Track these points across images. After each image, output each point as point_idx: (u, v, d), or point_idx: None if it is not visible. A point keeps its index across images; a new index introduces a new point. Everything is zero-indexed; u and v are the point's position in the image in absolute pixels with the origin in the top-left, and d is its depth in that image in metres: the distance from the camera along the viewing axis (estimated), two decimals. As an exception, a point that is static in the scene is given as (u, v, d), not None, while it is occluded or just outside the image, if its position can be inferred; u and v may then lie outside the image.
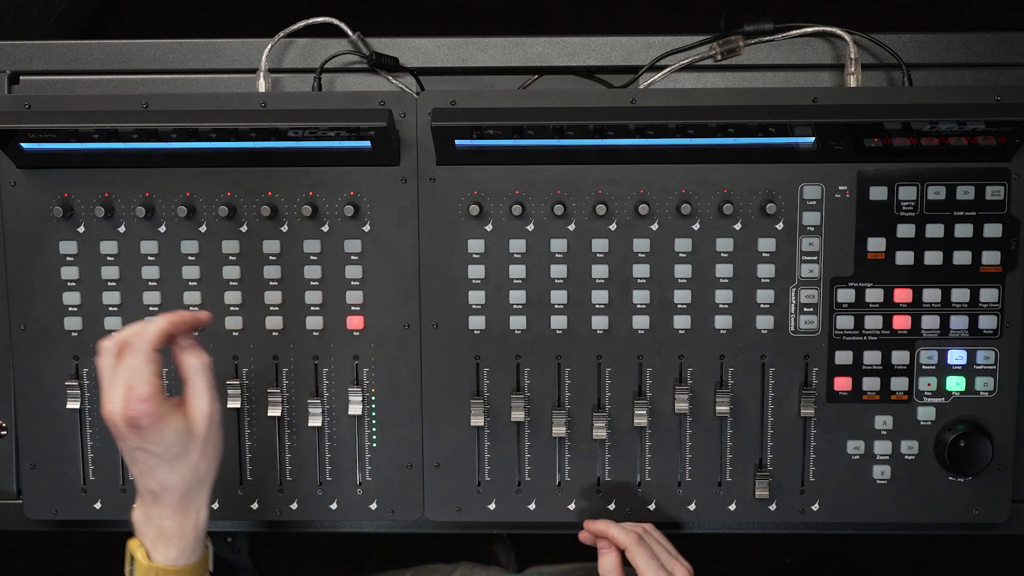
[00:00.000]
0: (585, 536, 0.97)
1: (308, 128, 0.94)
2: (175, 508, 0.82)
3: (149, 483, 0.82)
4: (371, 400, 1.02)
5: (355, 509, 1.03)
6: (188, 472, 0.82)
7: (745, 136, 0.95)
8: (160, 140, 0.96)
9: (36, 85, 1.05)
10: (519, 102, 0.98)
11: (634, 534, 0.92)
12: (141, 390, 0.78)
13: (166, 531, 0.82)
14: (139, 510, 0.84)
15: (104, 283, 1.01)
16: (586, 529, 0.96)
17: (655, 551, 0.91)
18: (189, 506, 0.83)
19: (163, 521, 0.82)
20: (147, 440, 0.79)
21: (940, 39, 1.01)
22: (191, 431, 0.82)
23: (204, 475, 0.83)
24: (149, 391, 0.78)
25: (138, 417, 0.78)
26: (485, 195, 1.00)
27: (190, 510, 0.83)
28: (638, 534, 0.92)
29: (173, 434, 0.80)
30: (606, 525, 0.94)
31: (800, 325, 1.00)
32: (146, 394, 0.78)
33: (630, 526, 0.94)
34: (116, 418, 0.79)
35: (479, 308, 1.01)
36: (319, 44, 1.03)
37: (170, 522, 0.82)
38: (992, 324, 0.99)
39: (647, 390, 1.01)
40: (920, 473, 1.01)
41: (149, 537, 0.83)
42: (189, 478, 0.82)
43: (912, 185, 0.98)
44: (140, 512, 0.84)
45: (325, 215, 1.00)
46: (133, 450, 0.81)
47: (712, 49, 1.02)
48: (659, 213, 0.99)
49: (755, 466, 1.02)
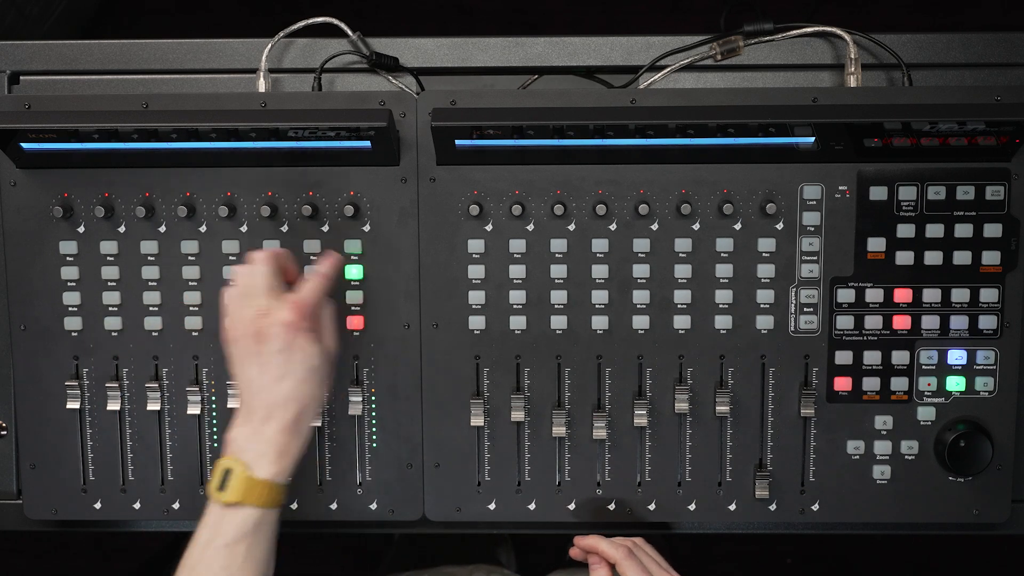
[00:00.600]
0: (576, 552, 0.96)
1: (308, 128, 0.94)
2: (289, 426, 0.85)
3: (275, 393, 0.85)
4: (371, 400, 1.02)
5: (355, 509, 1.03)
6: (314, 388, 0.87)
7: (745, 136, 0.95)
8: (160, 140, 0.96)
9: (36, 85, 1.05)
10: (519, 102, 0.98)
11: (624, 548, 0.91)
12: (312, 299, 0.88)
13: (275, 447, 0.85)
14: (242, 429, 0.86)
15: (104, 283, 1.01)
16: (576, 545, 0.96)
17: (646, 564, 0.91)
18: (301, 427, 0.87)
19: (274, 437, 0.85)
20: (295, 345, 0.86)
21: (940, 39, 1.01)
22: (327, 354, 0.90)
23: (319, 400, 0.89)
24: (316, 304, 0.89)
25: (303, 319, 0.86)
26: (485, 195, 1.00)
27: (301, 431, 0.87)
28: (628, 548, 0.91)
29: (317, 350, 0.87)
30: (596, 540, 0.93)
31: (800, 325, 1.00)
32: (315, 304, 0.89)
33: (620, 541, 0.94)
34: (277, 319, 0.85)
35: (479, 308, 1.01)
36: (319, 44, 1.03)
37: (281, 438, 0.85)
38: (992, 324, 0.99)
39: (647, 390, 1.01)
40: (920, 473, 1.01)
41: (252, 453, 0.84)
42: (309, 396, 0.87)
43: (912, 185, 0.98)
44: (243, 430, 0.86)
45: (325, 215, 1.00)
46: (273, 354, 0.85)
47: (712, 49, 1.02)
48: (659, 213, 0.99)
49: (755, 466, 1.02)
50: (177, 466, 1.03)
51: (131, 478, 1.03)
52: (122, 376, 1.02)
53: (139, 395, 1.02)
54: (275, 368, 0.85)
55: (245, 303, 0.88)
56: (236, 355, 0.88)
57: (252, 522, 0.83)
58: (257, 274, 0.89)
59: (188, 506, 1.03)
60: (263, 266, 0.89)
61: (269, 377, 0.86)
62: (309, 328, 0.87)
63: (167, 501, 1.03)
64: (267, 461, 0.84)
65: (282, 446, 0.85)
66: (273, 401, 0.85)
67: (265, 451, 0.84)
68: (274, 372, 0.85)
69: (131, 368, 1.02)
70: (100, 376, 1.02)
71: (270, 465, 0.84)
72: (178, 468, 1.03)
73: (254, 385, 0.86)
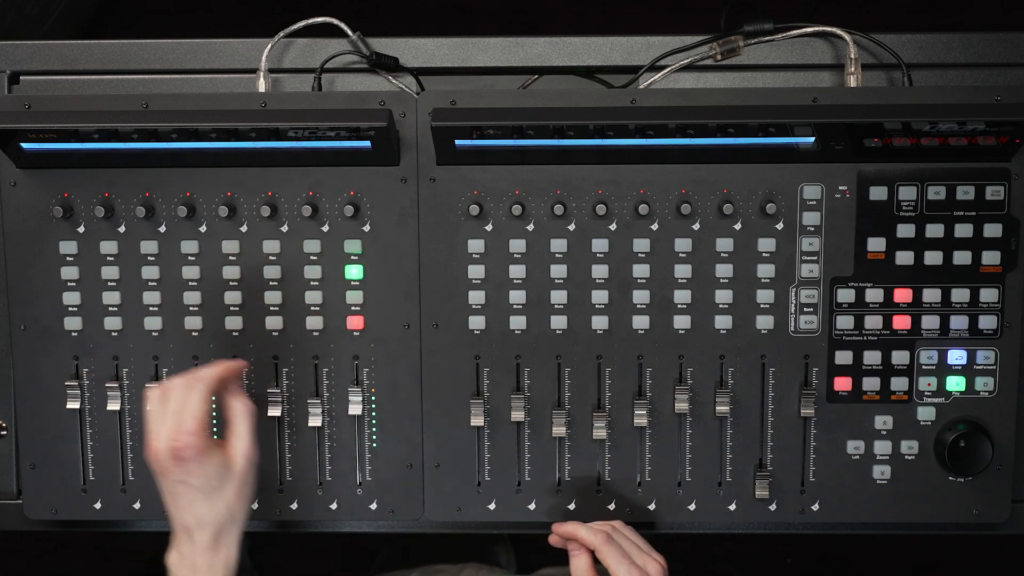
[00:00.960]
0: (555, 540, 0.96)
1: (308, 128, 0.94)
2: (208, 545, 0.85)
3: (186, 518, 0.85)
4: (371, 400, 1.02)
5: (355, 509, 1.03)
6: (223, 508, 0.85)
7: (745, 136, 0.95)
8: (160, 140, 0.96)
9: (36, 85, 1.05)
10: (519, 102, 0.98)
11: (602, 533, 0.91)
12: (190, 423, 0.83)
13: (198, 568, 0.85)
14: (174, 552, 0.87)
15: (104, 283, 1.01)
16: (555, 532, 0.96)
17: (625, 548, 0.91)
18: (220, 544, 0.86)
19: (195, 558, 0.85)
20: (189, 472, 0.83)
21: (940, 39, 1.01)
22: (230, 468, 0.86)
23: (237, 513, 0.87)
24: (196, 425, 0.83)
25: (184, 448, 0.83)
26: (485, 195, 1.00)
27: (220, 548, 0.86)
28: (607, 533, 0.91)
29: (214, 468, 0.84)
30: (574, 527, 0.93)
31: (800, 325, 1.00)
32: (193, 427, 0.83)
33: (598, 525, 0.94)
34: (162, 451, 0.83)
35: (479, 308, 1.01)
36: (319, 44, 1.03)
37: (202, 559, 0.85)
38: (992, 324, 0.99)
39: (647, 390, 1.01)
40: (920, 473, 1.01)
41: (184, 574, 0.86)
42: (224, 514, 0.85)
43: (912, 185, 0.98)
44: (175, 553, 0.87)
45: (325, 215, 1.00)
46: (175, 484, 0.84)
47: (712, 49, 1.02)
48: (659, 213, 0.99)
49: (755, 466, 1.02)
50: (177, 466, 1.03)
51: (131, 478, 1.03)
52: (122, 376, 1.02)
53: (139, 395, 1.02)
54: (179, 498, 0.85)
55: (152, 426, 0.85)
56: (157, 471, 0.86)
57: None
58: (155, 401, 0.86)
59: (188, 506, 1.03)
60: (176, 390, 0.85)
61: (177, 506, 0.86)
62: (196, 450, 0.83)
63: (167, 501, 1.03)
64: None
65: (203, 568, 0.85)
66: (188, 525, 0.85)
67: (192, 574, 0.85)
68: (180, 502, 0.85)
69: (131, 368, 1.02)
70: (100, 376, 1.02)
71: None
72: (178, 468, 1.03)
73: (171, 510, 0.86)
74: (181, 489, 0.85)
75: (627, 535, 0.94)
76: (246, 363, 0.92)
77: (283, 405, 1.02)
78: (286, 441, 1.03)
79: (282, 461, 1.03)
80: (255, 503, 0.89)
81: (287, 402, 1.02)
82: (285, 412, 1.02)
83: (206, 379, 0.86)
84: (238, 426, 0.88)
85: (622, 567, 0.89)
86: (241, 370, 0.91)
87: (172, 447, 0.83)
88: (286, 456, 1.03)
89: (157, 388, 0.87)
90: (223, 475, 0.85)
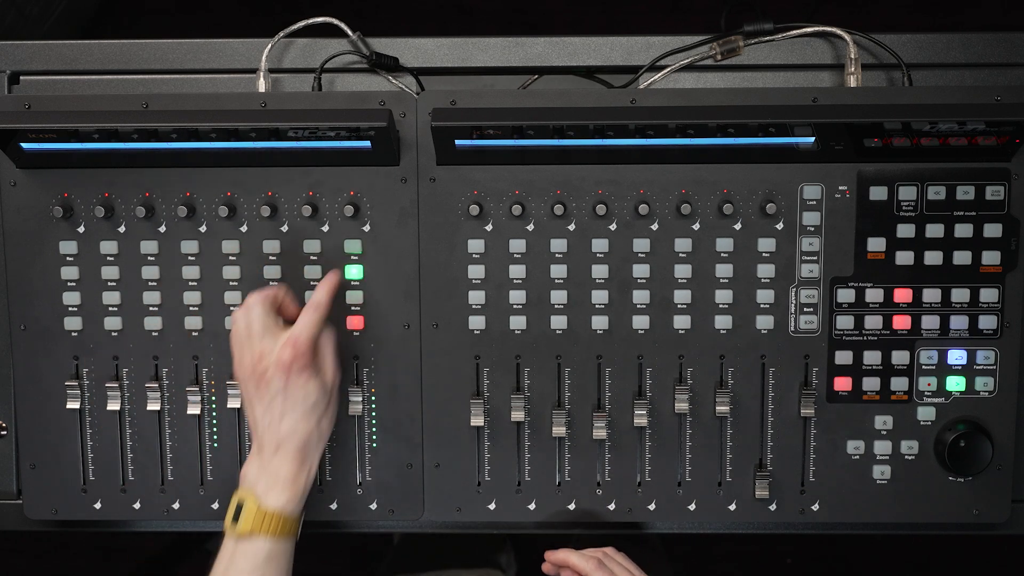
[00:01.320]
0: (548, 567, 0.97)
1: (308, 128, 0.94)
2: (295, 456, 0.89)
3: (280, 430, 0.89)
4: (371, 400, 1.02)
5: (355, 509, 1.03)
6: (315, 423, 0.90)
7: (745, 136, 0.95)
8: (160, 140, 0.96)
9: (36, 85, 1.05)
10: (519, 102, 0.98)
11: (594, 560, 0.92)
12: (309, 333, 0.89)
13: (283, 477, 0.88)
14: (253, 463, 0.90)
15: (104, 283, 1.01)
16: (548, 560, 0.96)
17: (617, 574, 0.91)
18: (307, 457, 0.90)
19: (281, 468, 0.88)
20: (294, 384, 0.88)
21: (940, 39, 1.01)
22: (326, 387, 0.91)
23: (325, 431, 0.92)
24: (312, 340, 0.89)
25: (297, 358, 0.88)
26: (485, 195, 1.00)
27: (307, 461, 0.90)
28: (598, 559, 0.92)
29: (316, 385, 0.90)
30: (565, 554, 0.94)
31: (800, 325, 1.00)
32: (310, 340, 0.89)
33: (590, 552, 0.94)
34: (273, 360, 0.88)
35: (479, 308, 1.01)
36: (319, 44, 1.03)
37: (288, 468, 0.88)
38: (992, 324, 0.99)
39: (647, 390, 1.01)
40: (920, 473, 1.01)
41: (263, 485, 0.88)
42: (315, 431, 0.90)
43: (912, 185, 0.98)
44: (254, 465, 0.89)
45: (325, 215, 1.00)
46: (274, 394, 0.89)
47: (712, 49, 1.02)
48: (659, 213, 0.99)
49: (755, 466, 1.02)
50: (177, 466, 1.03)
51: (131, 478, 1.03)
52: (122, 376, 1.02)
53: (139, 395, 1.02)
54: (276, 408, 0.89)
55: (244, 348, 0.90)
56: (243, 395, 0.92)
57: (264, 553, 0.86)
58: (252, 318, 0.90)
59: (188, 506, 1.03)
60: (257, 308, 0.91)
61: (272, 416, 0.89)
62: (304, 365, 0.89)
63: (167, 501, 1.03)
64: (277, 492, 0.88)
65: (290, 477, 0.88)
66: (278, 437, 0.89)
67: (274, 483, 0.88)
68: (275, 411, 0.89)
69: (131, 368, 1.02)
70: (100, 376, 1.02)
71: (280, 495, 0.88)
72: (178, 468, 1.03)
73: (260, 423, 0.90)
74: (279, 400, 0.88)
75: (619, 560, 0.94)
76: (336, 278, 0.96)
77: (283, 405, 1.02)
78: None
79: None
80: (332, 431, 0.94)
81: (287, 402, 1.02)
82: (285, 412, 1.02)
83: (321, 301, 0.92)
84: (328, 355, 0.93)
85: None
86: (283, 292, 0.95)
87: (283, 359, 0.88)
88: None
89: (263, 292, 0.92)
90: (323, 393, 0.90)
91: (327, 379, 0.92)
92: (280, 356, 0.88)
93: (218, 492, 1.03)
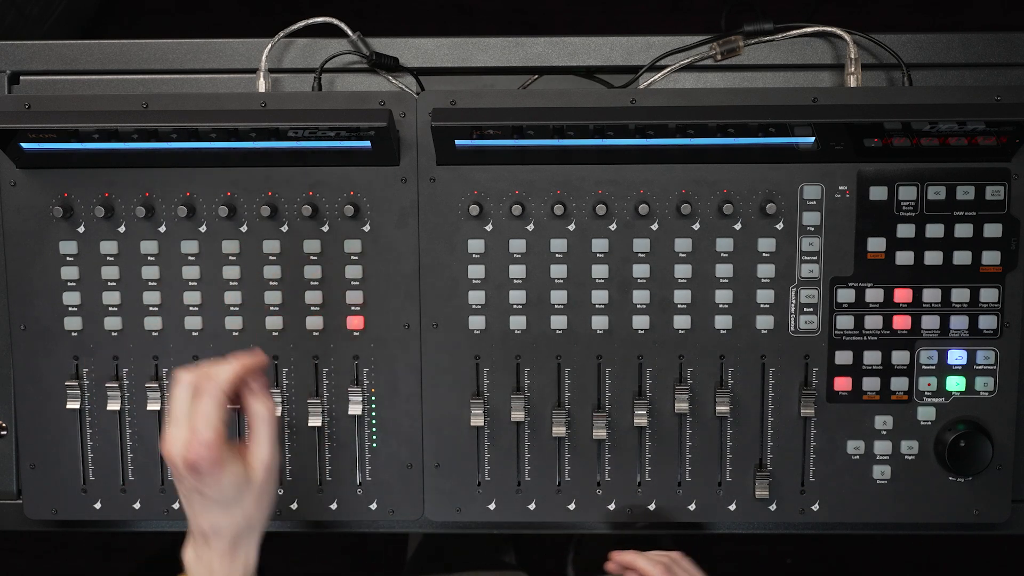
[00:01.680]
0: (612, 567, 0.95)
1: (308, 128, 0.94)
2: (225, 551, 0.82)
3: (202, 524, 0.82)
4: (371, 400, 1.02)
5: (355, 509, 1.03)
6: (241, 518, 0.82)
7: (745, 136, 0.95)
8: (160, 140, 0.96)
9: (36, 85, 1.05)
10: (519, 102, 0.98)
11: (661, 565, 0.90)
12: (206, 435, 0.78)
13: (216, 570, 0.82)
14: (190, 549, 0.84)
15: (104, 283, 1.01)
16: (613, 560, 0.95)
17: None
18: (238, 550, 0.83)
19: (212, 562, 0.82)
20: (204, 484, 0.79)
21: (940, 39, 1.01)
22: (249, 478, 0.82)
23: (257, 522, 0.83)
24: (213, 436, 0.78)
25: (198, 461, 0.78)
26: (485, 195, 1.00)
27: (239, 554, 0.83)
28: (665, 564, 0.91)
29: (231, 480, 0.80)
30: (633, 557, 0.92)
31: (800, 325, 1.00)
32: (210, 440, 0.78)
33: (657, 555, 0.92)
34: (176, 459, 0.79)
35: (479, 308, 1.01)
36: (319, 44, 1.03)
37: (219, 564, 0.82)
38: (992, 324, 0.99)
39: (647, 390, 1.01)
40: (920, 473, 1.01)
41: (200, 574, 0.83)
42: (241, 524, 0.82)
43: (912, 185, 0.98)
44: (191, 552, 0.84)
45: (325, 215, 1.00)
46: (189, 491, 0.81)
47: (712, 49, 1.02)
48: (659, 213, 0.99)
49: (755, 466, 1.02)
50: (177, 466, 1.03)
51: (131, 478, 1.03)
52: (122, 376, 1.02)
53: (139, 395, 1.02)
54: (195, 504, 0.82)
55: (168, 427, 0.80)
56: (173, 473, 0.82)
57: None
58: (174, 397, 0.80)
59: (188, 506, 1.03)
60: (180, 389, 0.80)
61: (192, 511, 0.82)
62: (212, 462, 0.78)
63: (167, 501, 1.03)
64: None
65: (224, 571, 0.82)
66: (204, 532, 0.82)
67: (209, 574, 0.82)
68: (195, 507, 0.82)
69: (131, 368, 1.02)
70: (100, 376, 1.02)
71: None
72: (178, 468, 1.03)
73: (188, 513, 0.83)
74: (196, 498, 0.81)
75: (685, 567, 0.93)
76: (266, 358, 0.85)
77: (283, 405, 1.02)
78: (286, 441, 1.03)
79: (282, 461, 1.03)
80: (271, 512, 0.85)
81: (287, 402, 1.02)
82: (285, 412, 1.02)
83: (223, 381, 0.80)
84: (259, 432, 0.83)
85: None
86: (262, 366, 0.84)
87: (185, 458, 0.78)
88: (286, 456, 1.03)
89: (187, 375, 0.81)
90: (241, 486, 0.81)
91: (255, 463, 0.82)
92: (186, 456, 0.78)
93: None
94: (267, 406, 0.84)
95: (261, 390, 0.84)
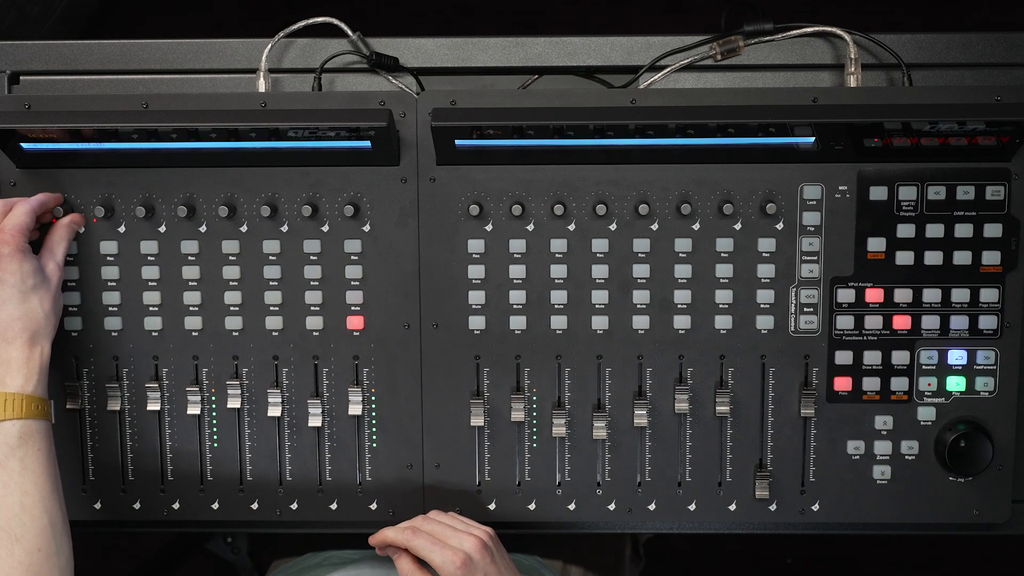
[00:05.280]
0: (379, 552, 0.95)
1: (308, 128, 0.94)
2: (24, 341, 0.91)
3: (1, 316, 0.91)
4: (371, 400, 1.02)
5: (355, 509, 1.03)
6: (37, 304, 0.92)
7: (745, 136, 0.95)
8: (160, 140, 0.96)
9: (36, 85, 1.05)
10: (519, 102, 0.98)
11: (408, 530, 0.91)
12: (11, 228, 0.91)
13: (15, 361, 0.90)
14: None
15: (104, 283, 1.01)
16: (371, 544, 0.95)
17: (438, 533, 0.90)
18: (36, 338, 0.92)
19: (11, 352, 0.90)
20: (4, 269, 0.90)
21: (940, 39, 1.01)
22: (43, 275, 0.93)
23: (49, 310, 0.93)
24: (15, 230, 0.91)
25: (3, 243, 0.90)
26: (485, 195, 1.00)
27: (37, 342, 0.92)
28: (412, 528, 0.91)
29: (29, 264, 0.91)
30: (382, 532, 0.93)
31: (800, 325, 1.00)
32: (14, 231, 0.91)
33: (405, 523, 0.93)
34: None
35: (479, 308, 1.01)
36: (319, 44, 1.03)
37: (19, 352, 0.91)
38: (992, 324, 0.99)
39: (647, 390, 1.01)
40: (920, 473, 1.01)
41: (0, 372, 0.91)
42: (37, 309, 0.92)
43: (912, 185, 0.98)
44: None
45: (325, 215, 1.00)
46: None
47: (712, 49, 1.02)
48: (659, 213, 0.99)
49: (755, 466, 1.02)
50: (177, 466, 1.03)
51: (131, 478, 1.03)
52: (122, 376, 1.02)
53: (139, 395, 1.02)
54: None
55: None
56: None
57: (16, 435, 0.88)
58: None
59: (188, 506, 1.03)
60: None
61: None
62: (14, 250, 0.90)
63: (167, 501, 1.03)
64: (12, 375, 0.90)
65: (23, 359, 0.90)
66: (4, 323, 0.90)
67: (8, 368, 0.90)
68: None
69: (131, 368, 1.02)
70: (100, 376, 1.02)
71: (16, 378, 0.90)
72: (178, 468, 1.03)
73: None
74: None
75: (439, 519, 0.93)
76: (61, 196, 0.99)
77: (283, 405, 1.02)
78: (286, 441, 1.03)
79: (282, 461, 1.03)
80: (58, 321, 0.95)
81: (287, 402, 1.02)
82: (285, 412, 1.02)
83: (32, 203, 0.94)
84: (55, 241, 0.96)
85: (435, 553, 0.88)
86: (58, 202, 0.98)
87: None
88: (286, 456, 1.03)
89: None
90: (37, 279, 0.92)
91: (47, 262, 0.94)
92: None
93: (218, 492, 1.03)
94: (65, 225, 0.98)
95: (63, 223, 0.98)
